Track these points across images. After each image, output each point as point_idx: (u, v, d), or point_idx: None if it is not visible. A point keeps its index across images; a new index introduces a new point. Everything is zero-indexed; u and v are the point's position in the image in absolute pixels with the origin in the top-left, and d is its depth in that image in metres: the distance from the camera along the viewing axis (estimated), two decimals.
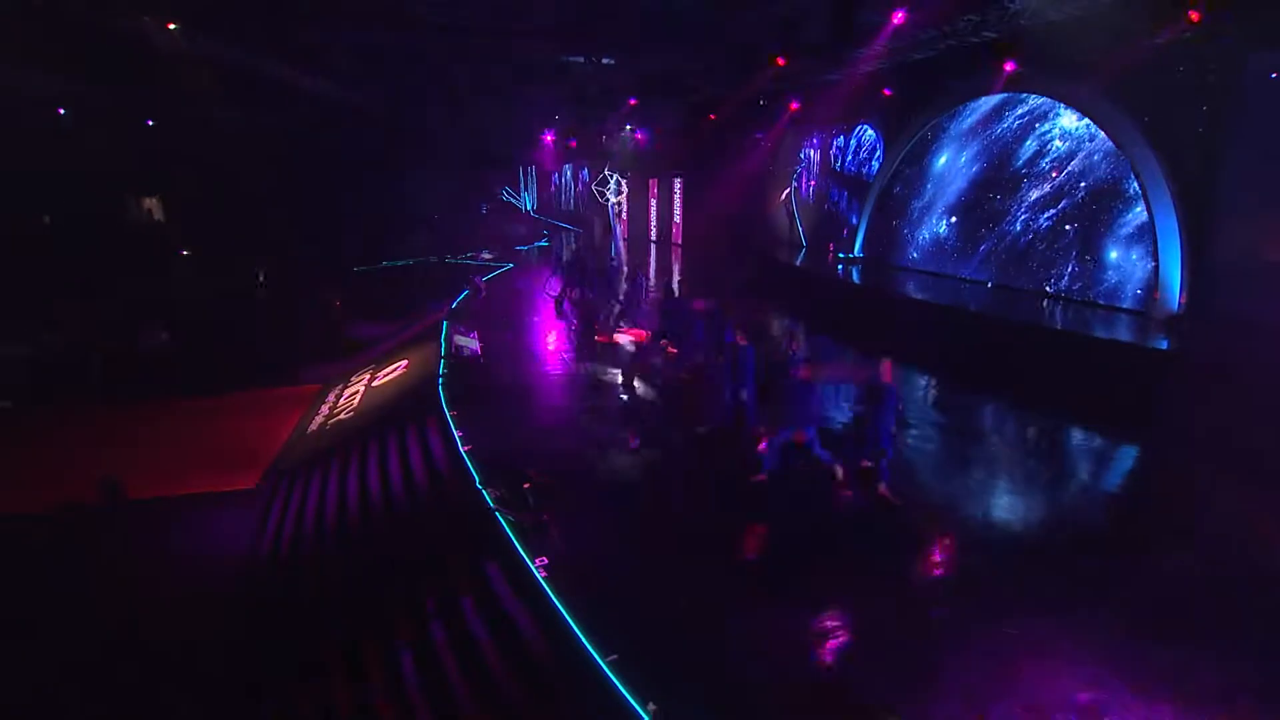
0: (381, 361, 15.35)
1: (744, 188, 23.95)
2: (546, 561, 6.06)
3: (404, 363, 14.23)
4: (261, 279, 23.93)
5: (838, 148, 20.39)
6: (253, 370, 17.17)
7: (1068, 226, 13.56)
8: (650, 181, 31.89)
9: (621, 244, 20.71)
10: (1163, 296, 11.97)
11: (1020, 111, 14.52)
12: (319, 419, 13.57)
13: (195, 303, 21.31)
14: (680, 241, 30.19)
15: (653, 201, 32.07)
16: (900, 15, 10.89)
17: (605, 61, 19.98)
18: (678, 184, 30.11)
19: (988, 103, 15.17)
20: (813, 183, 21.80)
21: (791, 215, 23.04)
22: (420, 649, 5.81)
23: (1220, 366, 9.21)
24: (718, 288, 17.12)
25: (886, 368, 7.43)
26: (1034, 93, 13.93)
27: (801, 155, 22.24)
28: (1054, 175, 13.80)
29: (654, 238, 32.02)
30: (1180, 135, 11.49)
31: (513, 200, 53.57)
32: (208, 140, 23.51)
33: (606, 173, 24.32)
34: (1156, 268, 12.08)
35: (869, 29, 11.87)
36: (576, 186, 41.81)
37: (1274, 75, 9.92)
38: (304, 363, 17.75)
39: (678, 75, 18.54)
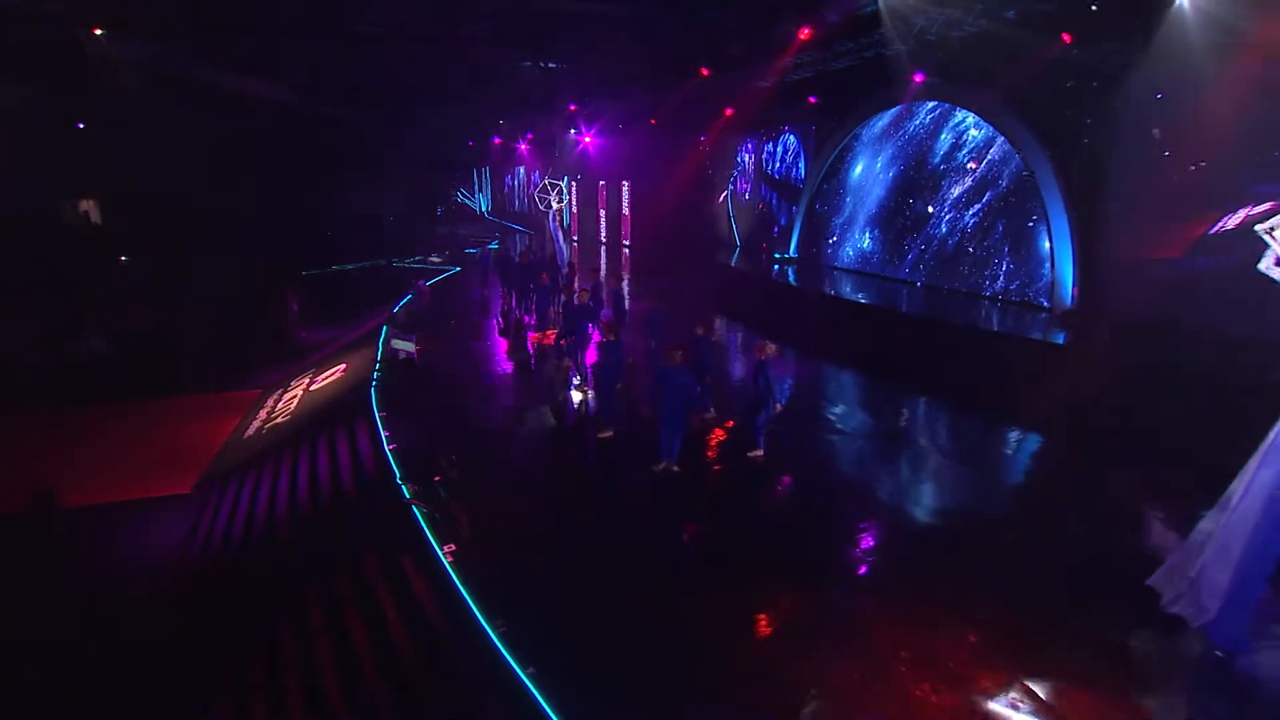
0: (321, 366, 15.60)
1: (687, 190, 24.67)
2: (454, 548, 6.55)
3: (342, 366, 14.53)
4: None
5: (769, 153, 21.24)
6: (194, 375, 17.26)
7: (987, 224, 14.42)
8: (599, 185, 32.44)
9: (563, 247, 21.18)
10: (1058, 293, 12.91)
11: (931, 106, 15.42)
12: (256, 424, 13.79)
13: (134, 307, 21.21)
14: (629, 243, 30.77)
15: (602, 204, 32.64)
16: (806, 31, 11.57)
17: (550, 65, 20.46)
18: (625, 187, 30.68)
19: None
20: (747, 186, 22.64)
21: (729, 217, 23.86)
22: (335, 634, 6.23)
23: (1088, 355, 10.11)
24: (659, 288, 17.70)
25: (762, 347, 8.31)
26: (942, 101, 14.82)
27: (737, 160, 23.06)
28: (972, 167, 14.62)
29: (603, 240, 32.57)
30: (1069, 143, 12.41)
31: (468, 202, 53.67)
32: (147, 144, 23.37)
33: (549, 181, 24.79)
34: (1053, 265, 13.01)
35: (786, 40, 12.53)
36: (529, 189, 42.16)
37: (1159, 95, 10.80)
38: (252, 367, 17.89)
39: (617, 81, 19.09)
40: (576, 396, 11.16)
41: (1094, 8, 9.93)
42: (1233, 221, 4.91)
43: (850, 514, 7.38)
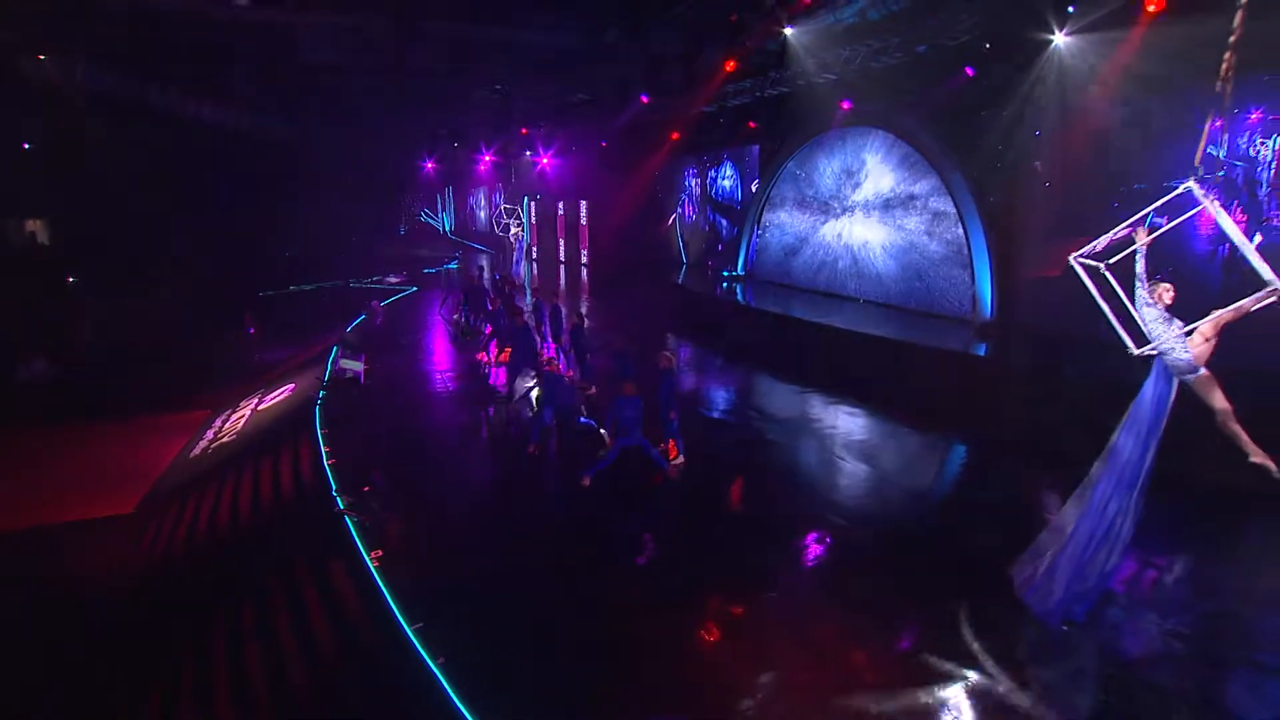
0: (270, 386, 15.79)
1: (640, 211, 25.39)
2: (380, 554, 6.94)
3: (291, 386, 14.76)
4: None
5: (712, 177, 22.19)
6: (143, 397, 17.26)
7: (916, 241, 15.25)
8: (558, 204, 33.03)
9: (520, 270, 21.77)
10: (978, 307, 13.74)
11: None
12: (203, 444, 13.93)
13: (82, 328, 21.12)
14: (587, 262, 31.34)
15: (560, 223, 33.22)
16: (731, 64, 12.33)
17: (498, 88, 21.07)
18: (583, 207, 31.30)
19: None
20: (694, 210, 23.56)
21: (678, 238, 24.73)
22: (264, 636, 6.56)
23: (998, 365, 10.88)
24: (607, 307, 18.27)
25: (663, 357, 8.97)
26: (869, 125, 15.70)
27: (684, 184, 23.96)
28: (901, 188, 15.48)
29: (562, 259, 33.11)
30: (985, 167, 13.28)
31: (431, 221, 53.84)
32: (95, 165, 23.34)
33: (505, 207, 25.41)
34: (974, 280, 13.86)
35: (713, 70, 13.29)
36: (490, 209, 42.55)
37: (1037, 133, 11.76)
38: (203, 389, 17.92)
39: (564, 106, 19.76)
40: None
41: (988, 46, 10.78)
42: (1100, 245, 5.65)
43: (762, 514, 7.94)
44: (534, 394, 11.39)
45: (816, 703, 4.91)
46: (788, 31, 11.09)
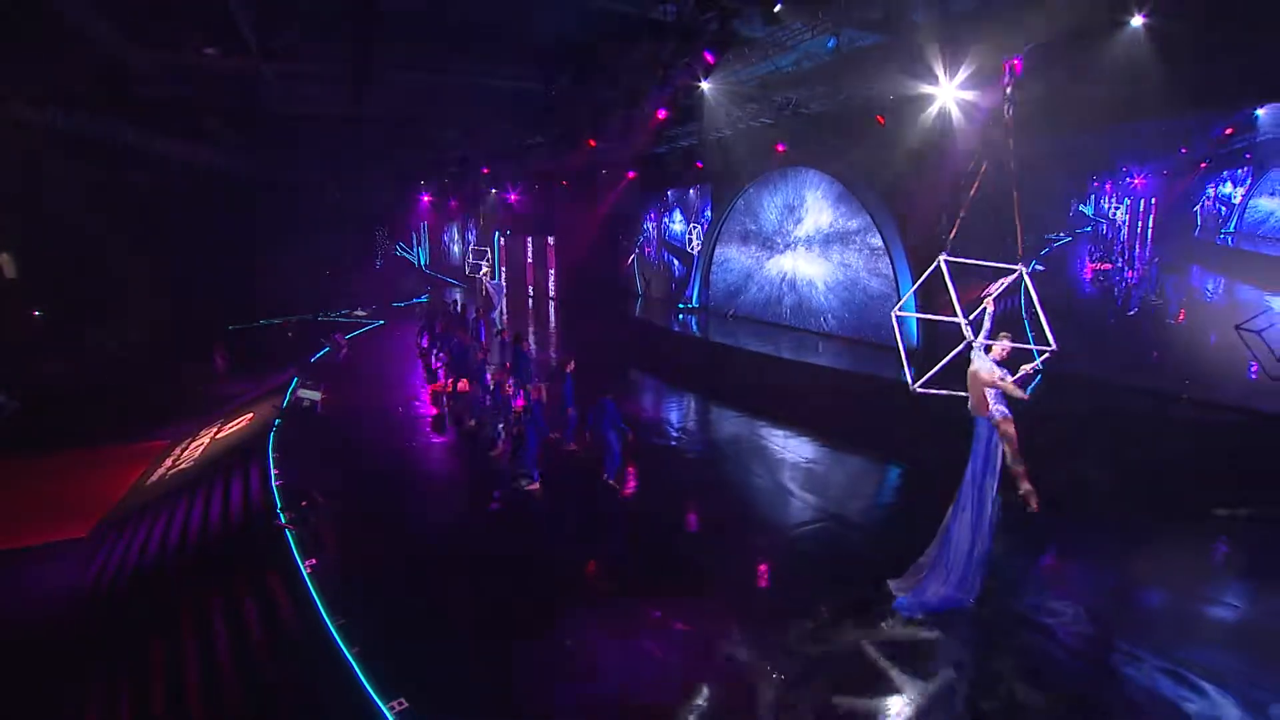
0: (230, 415, 16.37)
1: (602, 247, 26.51)
2: (315, 563, 7.61)
3: (249, 415, 15.36)
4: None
5: (665, 222, 23.56)
6: (107, 429, 17.73)
7: (848, 276, 16.34)
8: (526, 240, 34.08)
9: (495, 301, 22.75)
10: (905, 335, 14.74)
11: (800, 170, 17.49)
12: (161, 470, 14.45)
13: (47, 361, 21.55)
14: (555, 296, 32.29)
15: (528, 258, 34.25)
16: (663, 112, 13.42)
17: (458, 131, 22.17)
18: (549, 243, 32.35)
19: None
20: (649, 248, 24.84)
21: (636, 275, 25.94)
22: (203, 642, 7.17)
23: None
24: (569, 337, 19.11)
25: (537, 388, 10.19)
26: (803, 166, 16.90)
27: (642, 226, 25.24)
28: (837, 225, 16.62)
29: (530, 293, 34.06)
30: (907, 205, 14.42)
31: (406, 256, 54.66)
32: (66, 201, 23.99)
33: (474, 248, 26.50)
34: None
35: (647, 118, 14.39)
36: (463, 244, 43.47)
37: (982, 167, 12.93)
38: (169, 420, 18.40)
39: (524, 147, 20.86)
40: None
41: (890, 98, 11.94)
42: (994, 288, 6.66)
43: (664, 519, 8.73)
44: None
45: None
46: (704, 85, 12.13)
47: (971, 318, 6.29)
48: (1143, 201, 11.55)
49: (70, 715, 7.19)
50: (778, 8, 9.90)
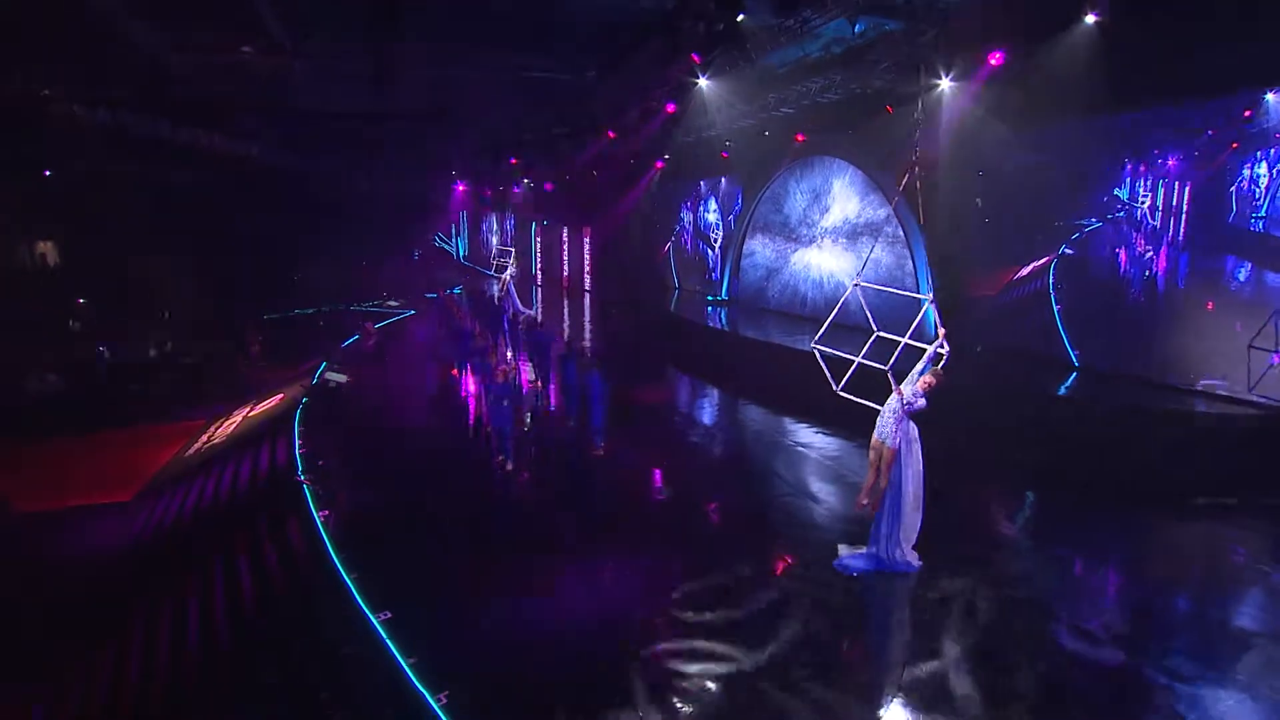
0: (261, 396, 18.00)
1: (637, 238, 27.64)
2: (328, 513, 8.87)
3: (280, 396, 16.92)
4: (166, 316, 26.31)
5: (701, 210, 24.48)
6: (150, 409, 19.70)
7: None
8: (561, 229, 35.42)
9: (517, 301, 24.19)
10: (925, 325, 15.40)
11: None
12: (198, 445, 16.10)
13: (90, 346, 23.71)
14: (591, 289, 33.44)
15: (564, 250, 35.56)
16: (671, 106, 14.43)
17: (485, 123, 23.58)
18: (586, 233, 33.57)
19: None
20: (686, 237, 25.74)
21: (671, 267, 26.93)
22: (229, 573, 8.50)
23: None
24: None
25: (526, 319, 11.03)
26: (826, 155, 17.69)
27: (679, 214, 26.18)
28: (858, 214, 17.34)
29: (565, 285, 35.36)
30: (928, 198, 15.07)
31: (445, 246, 56.81)
32: (110, 193, 26.29)
33: (500, 248, 27.95)
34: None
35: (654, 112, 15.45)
36: (501, 235, 45.08)
37: (980, 172, 13.65)
38: (207, 403, 20.26)
39: (553, 137, 22.14)
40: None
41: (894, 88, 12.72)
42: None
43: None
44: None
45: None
46: (702, 82, 13.10)
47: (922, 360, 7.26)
48: (1176, 185, 11.78)
49: (116, 636, 8.62)
50: None
